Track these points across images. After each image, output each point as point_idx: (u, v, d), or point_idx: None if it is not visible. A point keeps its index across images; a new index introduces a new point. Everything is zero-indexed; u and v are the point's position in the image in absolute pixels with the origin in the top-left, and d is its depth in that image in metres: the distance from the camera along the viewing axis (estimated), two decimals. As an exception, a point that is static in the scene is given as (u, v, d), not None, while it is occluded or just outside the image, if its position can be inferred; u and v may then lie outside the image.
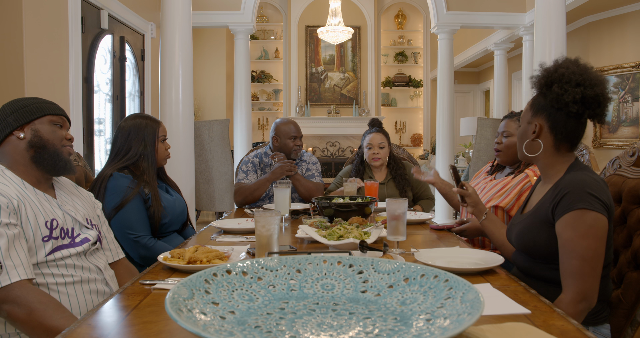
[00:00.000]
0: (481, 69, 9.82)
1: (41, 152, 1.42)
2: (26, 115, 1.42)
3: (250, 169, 2.89)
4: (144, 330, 0.94)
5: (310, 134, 8.38)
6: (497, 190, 2.03)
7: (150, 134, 2.01)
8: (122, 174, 1.92)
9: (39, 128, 1.43)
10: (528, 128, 1.48)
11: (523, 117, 1.52)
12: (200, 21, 5.37)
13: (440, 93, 5.78)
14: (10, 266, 1.21)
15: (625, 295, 1.46)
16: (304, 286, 0.98)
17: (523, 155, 1.51)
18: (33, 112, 1.43)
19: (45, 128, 1.44)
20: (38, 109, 1.44)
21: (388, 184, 2.87)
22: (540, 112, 1.45)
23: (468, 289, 0.83)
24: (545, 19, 4.06)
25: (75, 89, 3.38)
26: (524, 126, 1.51)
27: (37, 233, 1.33)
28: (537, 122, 1.45)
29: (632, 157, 1.59)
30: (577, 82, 1.36)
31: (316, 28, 7.58)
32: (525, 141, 1.48)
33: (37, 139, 1.42)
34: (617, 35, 5.70)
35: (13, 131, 1.41)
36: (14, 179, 1.38)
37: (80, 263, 1.42)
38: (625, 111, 5.63)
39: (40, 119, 1.44)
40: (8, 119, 1.41)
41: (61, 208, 1.45)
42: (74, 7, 3.37)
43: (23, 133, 1.42)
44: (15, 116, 1.42)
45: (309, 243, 1.75)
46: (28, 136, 1.42)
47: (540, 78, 1.45)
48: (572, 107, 1.37)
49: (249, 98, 5.79)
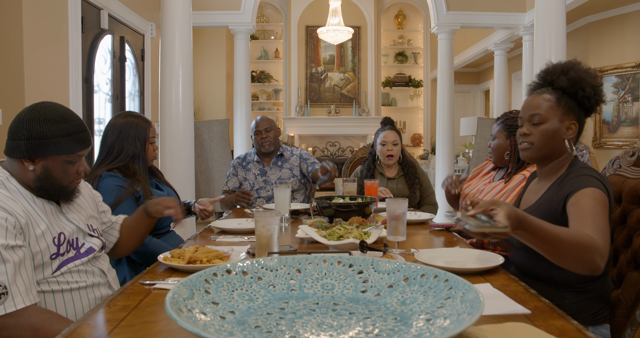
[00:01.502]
0: (481, 69, 9.82)
1: (47, 187, 1.33)
2: (39, 150, 1.29)
3: (231, 173, 3.08)
4: (144, 330, 0.94)
5: (310, 134, 8.38)
6: (496, 192, 2.05)
7: (142, 134, 1.98)
8: (112, 173, 1.91)
9: (49, 166, 1.32)
10: (561, 126, 1.44)
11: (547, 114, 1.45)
12: (200, 21, 5.37)
13: (440, 93, 5.78)
14: (15, 292, 1.16)
15: (625, 295, 1.46)
16: (304, 286, 0.98)
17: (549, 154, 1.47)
18: (47, 150, 1.30)
19: (57, 167, 1.33)
20: (55, 147, 1.30)
21: (398, 180, 2.91)
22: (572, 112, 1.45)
23: (468, 289, 0.83)
24: (545, 19, 4.06)
25: (75, 89, 3.38)
26: (556, 124, 1.44)
27: (45, 251, 1.28)
28: (571, 122, 1.45)
29: (632, 157, 1.59)
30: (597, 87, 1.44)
31: (316, 28, 7.58)
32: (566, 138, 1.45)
33: (44, 176, 1.32)
34: (617, 35, 5.70)
35: (23, 159, 1.30)
36: (21, 191, 1.31)
37: (85, 269, 1.40)
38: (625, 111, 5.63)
39: (54, 157, 1.32)
40: (21, 143, 1.28)
41: (66, 217, 1.40)
42: (74, 7, 3.37)
43: (33, 165, 1.31)
44: (29, 146, 1.28)
45: (309, 243, 1.75)
46: (37, 171, 1.31)
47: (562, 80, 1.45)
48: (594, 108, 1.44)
49: (249, 98, 5.79)
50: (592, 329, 1.40)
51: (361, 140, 8.42)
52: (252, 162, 3.04)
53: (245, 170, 3.03)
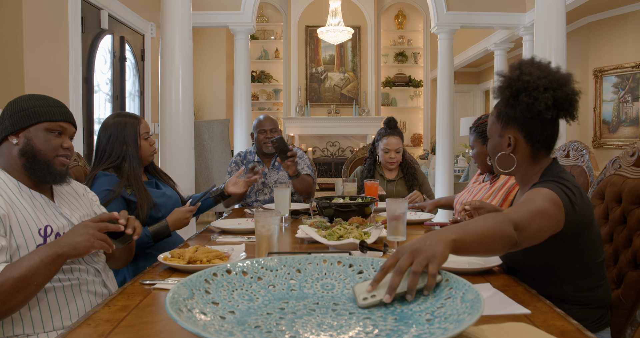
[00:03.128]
0: (481, 69, 9.82)
1: (32, 162, 1.34)
2: (21, 120, 1.34)
3: (233, 169, 3.03)
4: (144, 330, 0.94)
5: (310, 134, 8.38)
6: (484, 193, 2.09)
7: (131, 133, 1.96)
8: (107, 173, 1.90)
9: (32, 136, 1.34)
10: (501, 141, 1.39)
11: (491, 130, 1.42)
12: (200, 21, 5.37)
13: (440, 93, 5.78)
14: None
15: (625, 295, 1.46)
16: (304, 286, 0.98)
17: (497, 170, 1.44)
18: (29, 117, 1.34)
19: (39, 136, 1.35)
20: (35, 114, 1.35)
21: (398, 182, 2.93)
22: (511, 124, 1.36)
23: (468, 289, 0.83)
24: (545, 19, 4.06)
25: (75, 89, 3.38)
26: (495, 140, 1.41)
27: (30, 241, 1.27)
28: (510, 135, 1.36)
29: (632, 157, 1.59)
30: (544, 87, 1.27)
31: (316, 28, 7.58)
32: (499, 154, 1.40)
33: (28, 148, 1.34)
34: (617, 35, 5.70)
35: (7, 135, 1.34)
36: (7, 182, 1.32)
37: (78, 266, 1.39)
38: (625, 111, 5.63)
39: (36, 126, 1.35)
40: (6, 121, 1.35)
41: (58, 211, 1.40)
42: (74, 7, 3.37)
43: (17, 139, 1.34)
44: (12, 120, 1.34)
45: (309, 243, 1.75)
46: (21, 144, 1.34)
47: (504, 89, 1.33)
48: (546, 114, 1.28)
49: (249, 98, 5.79)
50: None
51: (361, 140, 8.42)
52: (252, 162, 3.02)
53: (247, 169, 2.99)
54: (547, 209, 1.20)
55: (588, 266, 1.33)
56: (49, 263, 1.19)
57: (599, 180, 1.72)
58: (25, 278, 1.16)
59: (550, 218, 1.20)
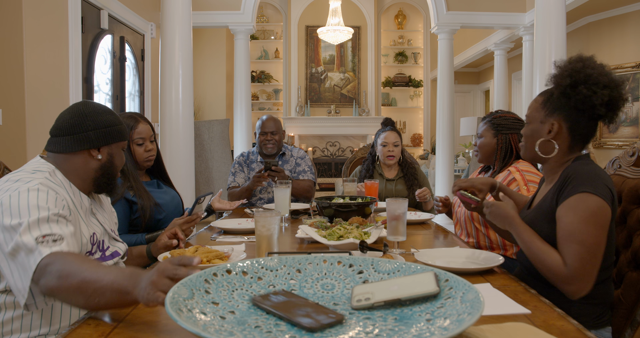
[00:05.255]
0: (481, 69, 9.82)
1: (107, 177, 1.37)
2: (109, 138, 1.36)
3: (237, 169, 3.03)
4: (144, 330, 0.94)
5: (310, 134, 8.38)
6: None
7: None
8: None
9: (114, 154, 1.39)
10: (541, 128, 1.41)
11: (532, 115, 1.45)
12: (200, 21, 5.37)
13: (440, 93, 5.78)
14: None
15: (625, 295, 1.46)
16: (304, 286, 0.98)
17: (533, 155, 1.45)
18: (114, 136, 1.37)
19: (118, 154, 1.40)
20: (119, 133, 1.39)
21: (398, 181, 2.92)
22: (558, 112, 1.38)
23: (468, 289, 0.83)
24: (545, 19, 4.06)
25: (75, 89, 3.38)
26: (535, 126, 1.43)
27: (84, 248, 1.27)
28: (554, 122, 1.38)
29: (632, 157, 1.59)
30: (604, 84, 1.31)
31: (316, 28, 7.58)
32: (539, 140, 1.41)
33: (109, 164, 1.37)
34: (617, 35, 5.70)
35: (91, 149, 1.34)
36: (65, 185, 1.30)
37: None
38: (625, 111, 5.63)
39: (117, 144, 1.39)
40: (90, 134, 1.33)
41: (95, 217, 1.40)
42: (74, 7, 3.37)
43: (100, 154, 1.35)
44: (99, 134, 1.34)
45: (309, 243, 1.75)
46: (104, 159, 1.36)
47: (564, 77, 1.36)
48: (599, 109, 1.32)
49: (249, 98, 5.79)
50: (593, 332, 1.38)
51: (361, 140, 8.42)
52: (255, 162, 3.02)
53: (250, 169, 3.01)
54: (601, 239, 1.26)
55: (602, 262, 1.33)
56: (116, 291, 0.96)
57: (599, 180, 1.72)
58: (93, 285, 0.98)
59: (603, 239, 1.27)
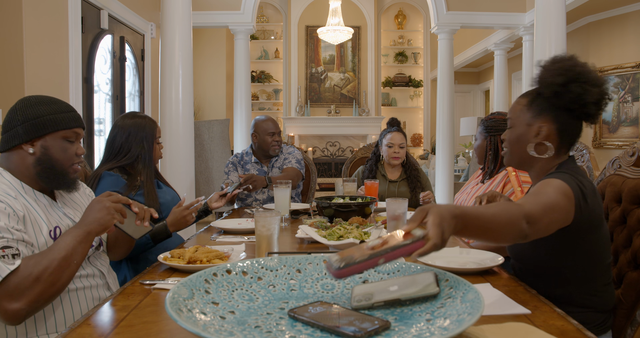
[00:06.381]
0: (481, 69, 9.82)
1: (49, 171, 1.31)
2: (38, 129, 1.29)
3: (230, 169, 3.04)
4: (144, 330, 0.94)
5: (310, 134, 8.38)
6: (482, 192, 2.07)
7: (150, 135, 2.01)
8: (111, 173, 1.92)
9: (49, 145, 1.31)
10: (528, 131, 1.34)
11: (516, 118, 1.37)
12: (200, 21, 5.37)
13: (440, 93, 5.78)
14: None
15: (625, 295, 1.46)
16: (304, 286, 0.98)
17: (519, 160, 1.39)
18: (46, 126, 1.30)
19: (56, 146, 1.32)
20: (52, 122, 1.31)
21: (401, 183, 2.92)
22: (546, 113, 1.31)
23: (468, 289, 0.83)
24: (545, 19, 4.06)
25: (75, 89, 3.38)
26: (520, 129, 1.36)
27: (42, 244, 1.26)
28: (542, 124, 1.31)
29: (632, 157, 1.59)
30: (594, 82, 1.26)
31: (316, 28, 7.58)
32: (529, 145, 1.34)
33: (45, 157, 1.31)
34: (617, 35, 5.70)
35: (22, 143, 1.29)
36: (15, 185, 1.29)
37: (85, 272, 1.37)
38: (625, 111, 5.63)
39: (53, 135, 1.32)
40: (18, 128, 1.29)
41: (62, 211, 1.39)
42: (74, 7, 3.37)
43: (32, 148, 1.30)
44: (26, 128, 1.29)
45: (309, 243, 1.75)
46: (37, 153, 1.30)
47: (556, 75, 1.28)
48: (590, 108, 1.26)
49: (249, 98, 5.79)
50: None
51: (361, 140, 8.42)
52: (250, 163, 3.02)
53: (245, 171, 3.02)
54: (559, 202, 1.18)
55: (595, 268, 1.32)
56: (82, 241, 1.23)
57: (598, 180, 1.72)
58: (67, 257, 1.19)
59: (561, 210, 1.19)
